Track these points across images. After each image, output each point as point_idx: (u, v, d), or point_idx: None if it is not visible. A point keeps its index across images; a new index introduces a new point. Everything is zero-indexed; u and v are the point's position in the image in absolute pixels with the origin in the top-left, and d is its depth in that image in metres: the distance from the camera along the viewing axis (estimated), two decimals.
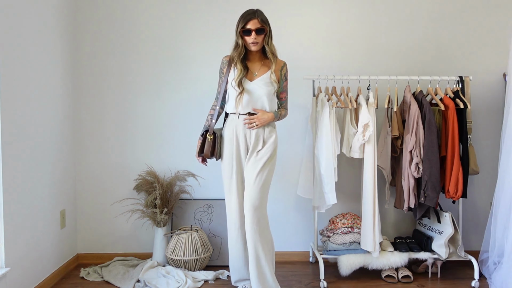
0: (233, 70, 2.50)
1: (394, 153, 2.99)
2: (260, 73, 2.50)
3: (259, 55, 2.54)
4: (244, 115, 2.49)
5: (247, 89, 2.46)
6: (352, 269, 2.84)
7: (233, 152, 2.51)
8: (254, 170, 2.45)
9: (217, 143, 2.54)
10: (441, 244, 2.84)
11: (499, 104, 3.25)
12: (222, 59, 2.58)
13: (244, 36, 2.43)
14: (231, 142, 2.53)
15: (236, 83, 2.44)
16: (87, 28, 3.25)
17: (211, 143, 2.52)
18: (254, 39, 2.41)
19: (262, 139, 2.51)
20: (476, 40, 3.30)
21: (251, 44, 2.43)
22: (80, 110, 3.27)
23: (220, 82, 2.59)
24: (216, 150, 2.55)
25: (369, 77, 2.96)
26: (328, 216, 3.17)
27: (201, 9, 3.27)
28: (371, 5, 3.29)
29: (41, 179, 2.74)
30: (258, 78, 2.48)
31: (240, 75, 2.44)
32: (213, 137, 2.53)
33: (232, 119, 2.53)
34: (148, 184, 3.14)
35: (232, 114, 2.53)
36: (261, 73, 2.51)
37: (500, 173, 2.85)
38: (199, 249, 3.00)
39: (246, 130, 2.50)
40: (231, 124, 2.53)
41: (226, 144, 2.55)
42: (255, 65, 2.53)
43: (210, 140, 2.52)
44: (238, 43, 2.45)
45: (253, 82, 2.48)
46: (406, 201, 2.85)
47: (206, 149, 2.53)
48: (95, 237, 3.29)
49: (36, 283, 2.67)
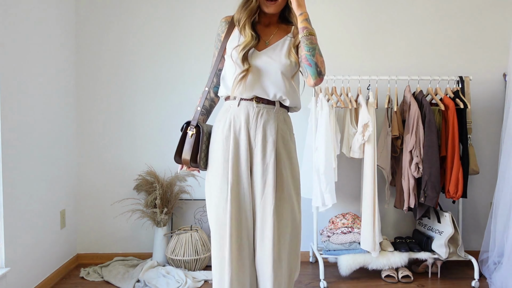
0: (236, 35, 1.67)
1: (394, 153, 2.99)
2: (275, 40, 1.67)
3: (275, 19, 1.71)
4: (248, 100, 1.63)
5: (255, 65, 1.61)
6: (352, 269, 2.84)
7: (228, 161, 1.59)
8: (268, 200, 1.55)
9: (201, 142, 1.64)
10: (441, 244, 2.84)
11: (499, 104, 3.25)
12: (220, 20, 1.76)
13: None
14: (225, 144, 1.62)
15: (240, 56, 1.59)
16: (88, 28, 3.25)
17: (193, 141, 1.63)
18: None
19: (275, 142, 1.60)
20: (476, 40, 3.30)
21: (268, 2, 1.62)
22: (80, 110, 3.27)
23: (214, 54, 1.75)
24: (200, 153, 1.64)
25: (369, 77, 2.96)
26: (328, 216, 3.17)
27: (201, 8, 3.27)
28: (371, 5, 3.29)
29: (41, 179, 2.74)
30: (270, 46, 1.65)
31: (248, 43, 1.60)
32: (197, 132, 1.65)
33: (228, 108, 1.66)
34: (148, 184, 3.14)
35: (228, 101, 1.68)
36: (276, 39, 1.67)
37: (500, 173, 2.85)
38: (199, 249, 3.00)
39: (251, 124, 1.61)
40: (227, 114, 1.65)
41: (216, 146, 1.64)
42: (268, 31, 1.69)
43: (191, 137, 1.64)
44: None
45: (263, 52, 1.63)
46: (406, 201, 2.85)
47: (185, 151, 1.64)
48: (95, 237, 3.29)
49: (36, 283, 2.67)
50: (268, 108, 1.62)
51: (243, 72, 1.58)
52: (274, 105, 1.64)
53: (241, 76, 1.58)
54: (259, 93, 1.61)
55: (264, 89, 1.61)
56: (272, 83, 1.61)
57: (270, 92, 1.61)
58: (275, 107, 1.64)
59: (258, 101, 1.62)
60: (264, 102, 1.62)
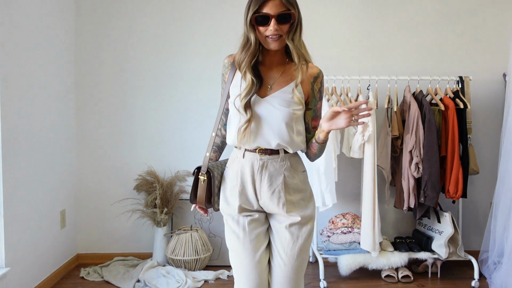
0: (238, 79, 1.59)
1: (394, 153, 2.99)
2: (278, 85, 1.57)
3: (279, 56, 1.60)
4: (252, 151, 1.58)
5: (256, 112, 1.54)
6: (352, 269, 2.84)
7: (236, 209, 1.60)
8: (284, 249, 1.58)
9: (213, 186, 1.63)
10: (441, 244, 2.84)
11: (499, 104, 3.25)
12: (224, 60, 1.68)
13: (258, 26, 1.50)
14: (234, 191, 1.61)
15: (243, 104, 1.52)
16: (88, 28, 3.25)
17: (205, 186, 1.63)
18: (275, 31, 1.48)
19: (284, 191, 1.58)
20: (476, 40, 3.30)
21: (270, 39, 1.50)
22: (80, 110, 3.27)
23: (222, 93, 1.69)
24: (213, 196, 1.65)
25: (369, 77, 2.96)
26: (328, 216, 3.16)
27: (201, 7, 3.26)
28: (371, 5, 3.29)
29: (41, 179, 2.74)
30: (274, 93, 1.55)
31: (249, 91, 1.52)
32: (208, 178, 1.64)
33: (235, 157, 1.64)
34: (148, 184, 3.14)
35: (236, 149, 1.65)
36: (280, 85, 1.57)
37: (500, 173, 2.85)
38: (199, 249, 3.00)
39: (256, 177, 1.57)
40: (235, 163, 1.63)
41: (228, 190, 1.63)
42: (271, 73, 1.59)
43: (203, 182, 1.63)
44: (249, 39, 1.52)
45: (265, 99, 1.55)
46: (406, 201, 2.85)
47: (199, 194, 1.65)
48: (95, 237, 3.29)
49: (36, 283, 2.67)
50: (272, 159, 1.58)
51: (246, 123, 1.53)
52: (278, 154, 1.58)
53: (244, 127, 1.53)
54: (261, 143, 1.56)
55: (266, 139, 1.55)
56: (274, 133, 1.54)
57: (273, 143, 1.55)
58: (279, 156, 1.58)
59: (262, 152, 1.57)
60: (268, 153, 1.57)
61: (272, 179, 1.57)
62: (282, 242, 1.58)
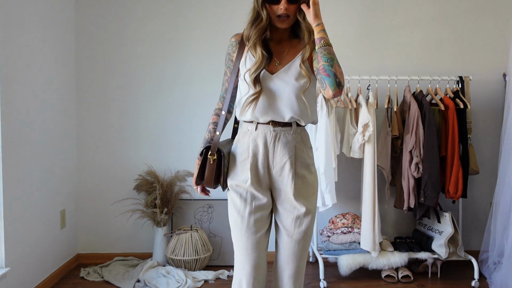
0: (247, 56, 1.66)
1: (394, 153, 2.99)
2: (286, 61, 1.64)
3: (286, 33, 1.68)
4: (265, 124, 1.63)
5: (265, 88, 1.61)
6: (352, 269, 2.84)
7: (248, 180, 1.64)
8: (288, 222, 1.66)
9: (223, 165, 1.66)
10: (441, 244, 2.84)
11: (499, 104, 3.25)
12: (230, 40, 1.73)
13: (269, 4, 1.58)
14: (245, 164, 1.66)
15: (252, 78, 1.59)
16: (88, 27, 3.25)
17: (214, 165, 1.65)
18: (285, 10, 1.56)
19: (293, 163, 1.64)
20: (476, 40, 3.30)
21: (280, 18, 1.59)
22: (81, 110, 3.27)
23: (226, 73, 1.75)
24: (223, 175, 1.67)
25: (369, 77, 2.96)
26: (328, 216, 3.17)
27: (201, 7, 3.26)
28: (371, 5, 3.29)
29: (41, 179, 2.74)
30: (282, 69, 1.63)
31: (260, 65, 1.59)
32: (218, 157, 1.66)
33: (246, 130, 1.68)
34: (148, 184, 3.14)
35: (246, 123, 1.69)
36: (288, 59, 1.64)
37: (500, 173, 2.85)
38: (199, 249, 3.00)
39: (270, 147, 1.63)
40: (246, 137, 1.67)
41: (238, 167, 1.68)
42: (279, 49, 1.67)
43: (212, 162, 1.65)
44: (260, 14, 1.59)
45: (276, 75, 1.62)
46: (406, 201, 2.85)
47: (207, 174, 1.65)
48: (95, 237, 3.29)
49: (36, 283, 2.67)
50: (285, 131, 1.64)
51: (254, 95, 1.59)
52: (290, 126, 1.65)
53: (252, 98, 1.60)
54: (274, 117, 1.62)
55: (279, 113, 1.62)
56: (286, 106, 1.61)
57: (286, 115, 1.62)
58: (291, 128, 1.65)
59: (275, 125, 1.63)
60: (281, 125, 1.64)
61: (285, 150, 1.63)
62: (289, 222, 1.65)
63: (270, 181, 1.66)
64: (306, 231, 1.65)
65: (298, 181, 1.64)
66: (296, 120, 1.64)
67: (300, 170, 1.65)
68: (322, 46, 1.55)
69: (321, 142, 2.81)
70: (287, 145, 1.63)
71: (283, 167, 1.63)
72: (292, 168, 1.63)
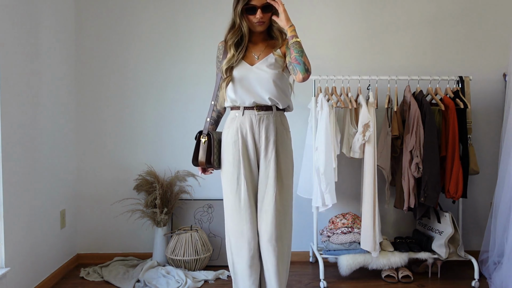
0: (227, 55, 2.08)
1: (394, 153, 2.99)
2: (264, 55, 2.04)
3: (263, 36, 2.09)
4: (250, 109, 2.01)
5: (247, 76, 2.00)
6: (352, 269, 2.84)
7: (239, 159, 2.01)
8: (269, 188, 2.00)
9: (212, 146, 2.04)
10: (441, 244, 2.84)
11: (499, 104, 3.25)
12: (218, 45, 2.12)
13: (247, 15, 1.97)
14: (235, 146, 2.02)
15: (223, 68, 2.00)
16: (88, 27, 3.25)
17: (206, 147, 2.03)
18: (261, 18, 1.96)
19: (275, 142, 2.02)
20: (476, 40, 3.30)
21: (257, 24, 1.98)
22: (81, 110, 3.27)
23: (217, 72, 2.15)
24: (213, 155, 2.04)
25: (369, 77, 2.96)
26: (328, 216, 3.17)
27: (201, 7, 3.27)
28: (371, 5, 3.29)
29: (41, 179, 2.74)
30: (261, 61, 2.01)
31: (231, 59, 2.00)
32: (208, 139, 2.04)
33: (234, 117, 2.06)
34: (148, 184, 3.14)
35: (233, 110, 2.06)
36: (265, 54, 2.04)
37: (500, 173, 2.85)
38: (199, 249, 3.00)
39: (255, 129, 2.01)
40: (234, 122, 2.04)
41: (228, 149, 2.04)
42: (258, 47, 2.07)
43: (204, 143, 2.03)
44: (235, 23, 2.00)
45: (255, 65, 2.01)
46: (406, 201, 2.85)
47: (200, 154, 2.03)
48: (95, 237, 3.29)
49: (36, 283, 2.67)
50: (267, 114, 2.02)
51: (226, 79, 2.01)
52: (271, 110, 2.03)
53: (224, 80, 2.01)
54: (257, 99, 2.00)
55: (260, 95, 2.00)
56: (266, 90, 1.99)
57: (265, 96, 1.99)
58: (272, 112, 2.03)
59: (259, 109, 2.02)
60: (263, 109, 2.02)
61: (268, 130, 2.02)
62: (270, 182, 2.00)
63: (257, 157, 2.03)
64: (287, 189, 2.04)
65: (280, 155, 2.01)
66: (275, 104, 2.02)
67: (280, 146, 2.02)
68: (294, 42, 1.93)
69: (321, 142, 2.81)
70: (269, 125, 2.01)
71: (268, 144, 2.01)
72: (275, 145, 2.01)
